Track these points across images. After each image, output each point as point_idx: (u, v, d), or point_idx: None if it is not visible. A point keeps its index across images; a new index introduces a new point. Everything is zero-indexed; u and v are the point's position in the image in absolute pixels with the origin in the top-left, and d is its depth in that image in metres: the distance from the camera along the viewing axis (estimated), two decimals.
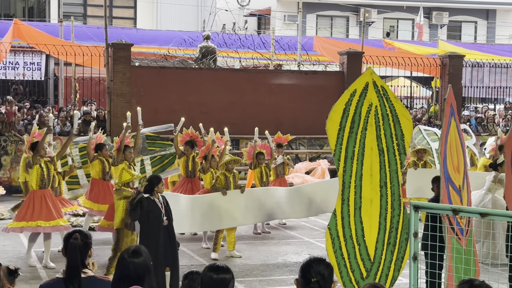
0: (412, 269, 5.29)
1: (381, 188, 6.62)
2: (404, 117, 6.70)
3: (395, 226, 6.66)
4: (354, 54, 20.52)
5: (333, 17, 36.17)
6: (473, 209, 5.37)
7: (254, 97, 19.70)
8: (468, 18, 37.33)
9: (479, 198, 12.48)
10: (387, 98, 6.65)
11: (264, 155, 13.52)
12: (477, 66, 21.48)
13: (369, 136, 6.61)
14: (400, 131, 6.67)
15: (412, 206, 5.28)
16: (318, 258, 4.32)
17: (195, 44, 20.33)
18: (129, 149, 11.44)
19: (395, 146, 6.66)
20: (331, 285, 4.26)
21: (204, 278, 4.24)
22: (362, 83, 6.64)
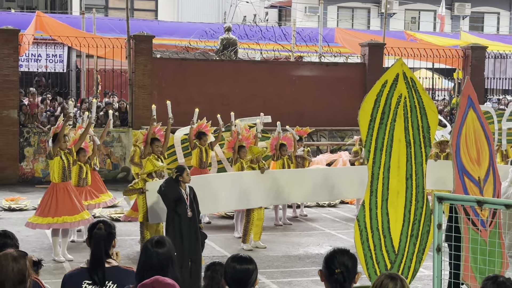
0: (435, 260, 5.27)
1: (407, 180, 6.60)
2: (430, 109, 6.67)
3: (418, 218, 6.64)
4: (376, 46, 20.42)
5: (354, 9, 36.00)
6: (497, 201, 5.33)
7: (275, 89, 19.67)
8: (491, 9, 36.98)
9: (502, 190, 12.39)
10: (415, 90, 6.62)
11: (286, 146, 13.56)
12: (500, 57, 21.27)
13: (398, 128, 6.58)
14: (426, 123, 6.64)
15: (435, 198, 5.25)
16: (342, 249, 4.31)
17: (216, 36, 20.33)
18: (156, 142, 11.53)
19: (421, 139, 6.63)
20: (355, 276, 4.25)
21: (228, 269, 4.26)
22: (393, 74, 6.61)
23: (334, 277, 4.19)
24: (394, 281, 3.97)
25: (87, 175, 11.89)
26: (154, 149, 11.56)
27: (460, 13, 35.60)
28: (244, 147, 12.59)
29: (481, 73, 20.92)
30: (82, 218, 10.81)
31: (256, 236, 11.76)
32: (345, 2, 35.47)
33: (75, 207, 10.79)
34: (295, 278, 9.96)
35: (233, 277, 4.24)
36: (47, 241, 11.55)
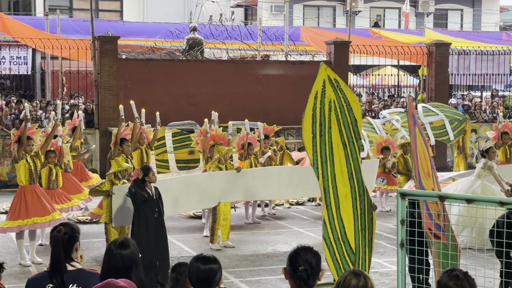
0: (399, 256, 5.33)
1: (350, 180, 6.65)
2: (354, 102, 6.69)
3: (363, 211, 6.71)
4: (341, 44, 20.53)
5: (319, 7, 36.18)
6: (459, 195, 5.41)
7: (241, 88, 19.69)
8: (454, 6, 37.43)
9: (468, 184, 12.58)
10: (340, 89, 6.60)
11: (253, 146, 13.60)
12: (464, 53, 21.52)
13: (334, 133, 6.58)
14: (353, 118, 6.67)
15: (398, 194, 5.31)
16: (305, 246, 4.34)
17: (182, 36, 20.27)
18: (126, 142, 11.51)
19: (353, 134, 6.65)
20: (318, 273, 4.28)
21: (192, 269, 4.27)
22: (320, 82, 6.58)
23: (298, 275, 4.22)
24: (357, 277, 4.01)
25: (57, 177, 11.80)
26: (125, 150, 11.56)
27: (424, 10, 35.96)
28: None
29: (445, 69, 21.15)
30: (53, 218, 10.72)
31: (224, 235, 11.77)
32: (311, 1, 35.64)
33: (45, 208, 10.71)
34: (263, 277, 9.99)
35: (197, 277, 4.25)
36: (13, 245, 11.43)
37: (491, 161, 12.56)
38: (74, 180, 12.90)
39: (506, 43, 24.82)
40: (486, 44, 22.58)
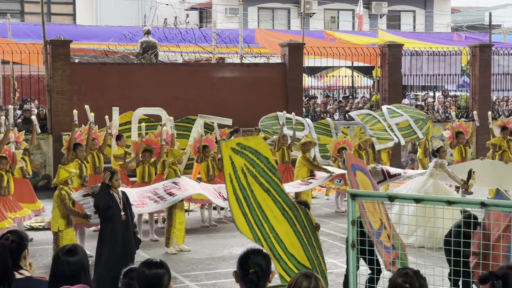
0: (351, 256, 5.36)
1: (284, 215, 6.76)
2: (259, 144, 6.71)
3: (304, 226, 6.85)
4: (295, 46, 20.61)
5: (274, 9, 36.31)
6: (408, 195, 5.46)
7: (196, 91, 19.64)
8: (407, 7, 37.92)
9: (421, 184, 12.76)
10: (244, 147, 6.57)
11: (209, 148, 13.61)
12: (416, 54, 21.78)
13: (257, 193, 6.59)
14: (264, 158, 6.71)
15: (349, 195, 5.34)
16: (255, 249, 4.35)
17: (136, 39, 20.14)
18: (80, 147, 11.40)
19: (269, 172, 6.72)
20: (269, 275, 4.29)
21: (138, 274, 4.24)
22: (228, 163, 6.59)
23: (249, 277, 4.23)
24: (308, 279, 4.03)
25: (8, 184, 11.61)
26: (78, 155, 11.46)
27: (378, 12, 36.35)
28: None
29: (398, 70, 21.39)
30: (3, 227, 10.55)
31: (180, 239, 11.73)
32: (265, 3, 35.72)
33: None
34: (219, 280, 9.97)
35: (143, 282, 4.23)
36: None
37: (442, 160, 12.78)
38: (31, 188, 12.73)
39: (457, 44, 25.20)
40: (438, 45, 22.89)
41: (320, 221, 14.05)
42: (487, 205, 4.78)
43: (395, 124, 17.05)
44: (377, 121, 16.91)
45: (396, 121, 17.14)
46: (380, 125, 16.85)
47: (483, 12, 38.05)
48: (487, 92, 22.27)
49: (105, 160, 13.57)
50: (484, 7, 41.64)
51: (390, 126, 17.01)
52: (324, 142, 15.93)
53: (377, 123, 16.86)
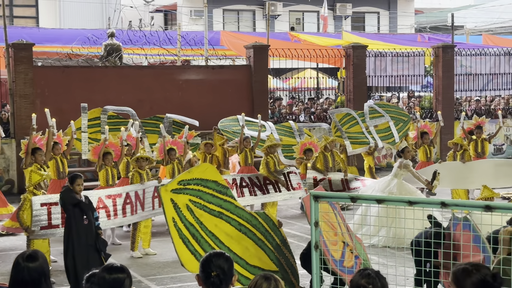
0: (314, 258, 5.38)
1: (241, 230, 6.80)
2: (202, 170, 6.77)
3: (265, 231, 6.89)
4: (260, 48, 20.64)
5: (239, 11, 36.32)
6: (370, 196, 5.50)
7: (161, 94, 19.56)
8: (371, 8, 38.20)
9: (385, 184, 12.87)
10: (188, 182, 6.68)
11: (175, 151, 13.54)
12: (380, 55, 21.94)
13: (207, 222, 6.66)
14: (211, 182, 6.76)
15: (311, 196, 5.36)
16: (217, 252, 4.36)
17: (100, 42, 19.99)
18: (39, 151, 11.29)
19: (219, 195, 6.75)
20: (231, 278, 4.29)
21: (99, 279, 4.22)
22: (169, 207, 6.61)
23: (211, 280, 4.23)
24: (268, 281, 4.04)
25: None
26: (37, 159, 11.34)
27: (342, 13, 36.56)
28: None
29: (362, 71, 21.53)
30: None
31: (145, 243, 11.69)
32: (230, 5, 35.72)
33: None
34: (185, 283, 9.94)
35: (102, 287, 4.20)
36: None
37: (406, 160, 12.90)
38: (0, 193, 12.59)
39: (420, 45, 25.45)
40: (402, 46, 23.10)
41: (286, 223, 14.10)
42: (447, 205, 4.83)
43: (374, 126, 17.09)
44: (355, 122, 16.91)
45: (375, 123, 17.17)
46: (357, 127, 16.86)
47: (446, 13, 38.43)
48: (450, 92, 22.52)
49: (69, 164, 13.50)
50: (447, 8, 42.13)
51: (368, 128, 17.03)
52: (287, 143, 15.95)
53: (354, 125, 16.87)
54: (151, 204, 11.90)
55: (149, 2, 32.12)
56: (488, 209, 4.65)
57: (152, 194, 11.98)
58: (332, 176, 14.48)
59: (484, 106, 24.16)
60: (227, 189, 6.96)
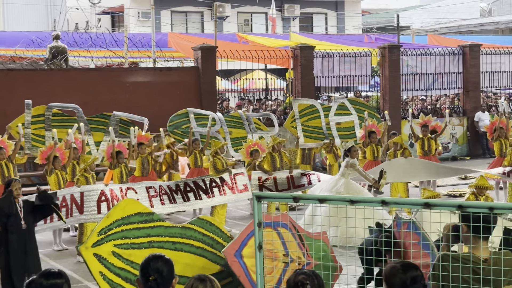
0: (258, 258, 5.36)
1: (176, 249, 6.86)
2: (121, 208, 6.75)
3: (202, 237, 6.97)
4: (208, 49, 20.59)
5: (187, 13, 36.19)
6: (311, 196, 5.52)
7: (108, 96, 19.33)
8: (319, 10, 38.48)
9: (333, 183, 12.95)
10: (108, 228, 6.61)
11: (123, 154, 13.43)
12: (328, 56, 22.09)
13: (139, 259, 6.55)
14: (134, 216, 6.76)
15: (254, 197, 5.35)
16: (156, 255, 4.31)
17: (44, 44, 19.71)
18: None
19: (145, 225, 6.75)
20: (171, 281, 4.25)
21: (36, 286, 4.14)
22: (93, 264, 6.54)
23: (149, 285, 4.19)
24: (203, 283, 4.03)
25: None
26: None
27: (290, 14, 36.74)
28: (57, 157, 12.52)
29: (310, 72, 21.64)
30: None
31: None
32: (178, 7, 35.57)
33: None
34: None
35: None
36: None
37: (353, 159, 13.02)
38: None
39: (367, 45, 25.73)
40: (349, 47, 23.31)
41: (235, 224, 14.10)
42: (388, 203, 4.87)
43: (336, 124, 17.14)
44: (317, 116, 16.95)
45: (338, 120, 17.22)
46: (317, 122, 16.88)
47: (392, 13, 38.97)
48: (397, 92, 22.80)
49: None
50: (393, 9, 42.71)
51: (328, 124, 17.08)
52: (237, 135, 15.94)
53: (315, 119, 16.90)
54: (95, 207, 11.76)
55: (96, 4, 31.77)
56: (427, 207, 4.70)
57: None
58: (277, 174, 14.50)
59: (430, 105, 24.53)
60: (152, 214, 6.87)
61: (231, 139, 16.04)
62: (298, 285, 4.04)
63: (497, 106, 24.31)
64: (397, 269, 4.17)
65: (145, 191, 12.75)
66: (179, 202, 13.15)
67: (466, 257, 4.91)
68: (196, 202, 13.45)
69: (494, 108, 24.22)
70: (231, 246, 6.93)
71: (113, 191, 12.23)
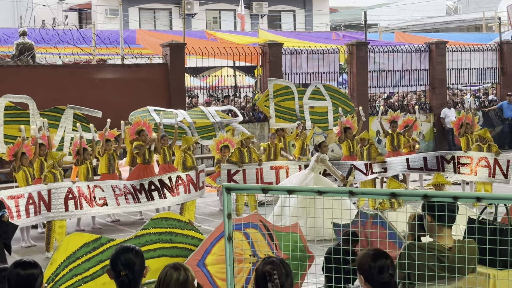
0: (227, 249, 5.43)
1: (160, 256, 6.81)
2: (64, 249, 6.46)
3: (162, 236, 6.93)
4: (177, 46, 20.58)
5: (155, 10, 36.08)
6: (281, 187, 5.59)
7: (76, 92, 19.22)
8: (287, 7, 38.62)
9: (302, 178, 13.08)
10: (54, 276, 6.35)
11: (88, 151, 13.40)
12: (296, 53, 22.20)
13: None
14: (80, 250, 6.50)
15: (224, 188, 5.41)
16: (125, 247, 4.29)
17: (11, 41, 19.55)
18: None
19: (93, 253, 6.52)
20: (142, 273, 4.27)
21: (11, 275, 4.14)
22: None
23: (120, 279, 4.21)
24: (178, 271, 4.06)
25: None
26: None
27: (258, 11, 36.82)
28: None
29: (279, 69, 21.72)
30: None
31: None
32: (146, 3, 35.44)
33: None
34: None
35: (17, 283, 4.13)
36: None
37: (323, 155, 13.14)
38: None
39: (335, 43, 25.87)
40: (317, 44, 23.44)
41: (204, 220, 14.15)
42: (355, 193, 4.97)
43: (309, 107, 17.17)
44: (291, 98, 16.99)
45: (312, 104, 17.25)
46: (291, 103, 16.92)
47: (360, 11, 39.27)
48: (365, 88, 22.99)
49: None
50: (361, 6, 43.01)
51: (302, 107, 17.09)
52: (202, 124, 15.96)
53: (289, 100, 16.94)
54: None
55: (63, 0, 31.53)
56: (393, 197, 4.80)
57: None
58: (246, 167, 14.60)
59: (397, 102, 24.77)
60: (99, 239, 6.59)
61: (196, 128, 16.00)
62: (265, 275, 4.08)
63: (463, 103, 24.65)
64: (368, 256, 4.25)
65: (111, 190, 12.73)
66: (143, 201, 13.15)
67: (431, 245, 5.03)
68: (160, 201, 13.42)
69: (460, 105, 24.54)
70: (193, 257, 6.87)
71: (80, 188, 12.20)
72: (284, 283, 4.04)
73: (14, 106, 14.60)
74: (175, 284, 4.16)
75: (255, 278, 4.14)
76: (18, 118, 14.17)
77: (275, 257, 4.23)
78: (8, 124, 13.73)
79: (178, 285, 4.15)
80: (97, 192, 12.50)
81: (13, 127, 13.78)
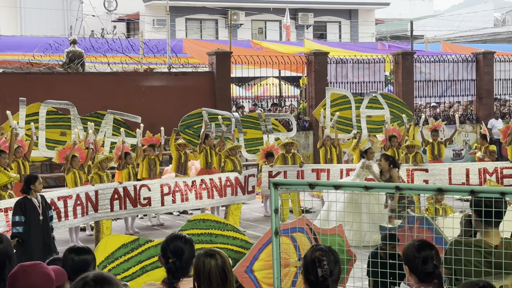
0: (274, 243, 5.50)
1: None
2: (102, 249, 6.59)
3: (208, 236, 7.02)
4: (223, 54, 20.79)
5: (202, 20, 36.46)
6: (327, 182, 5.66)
7: (124, 100, 19.53)
8: (332, 18, 38.65)
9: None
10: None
11: (130, 155, 13.62)
12: (341, 62, 22.20)
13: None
14: (118, 251, 6.60)
15: (271, 184, 5.49)
16: (176, 235, 4.40)
17: (62, 49, 19.96)
18: (3, 154, 11.31)
19: (132, 254, 6.57)
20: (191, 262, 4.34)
21: (66, 261, 4.28)
22: None
23: (168, 266, 4.31)
24: (213, 257, 4.12)
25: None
26: (1, 162, 11.34)
27: (304, 22, 36.91)
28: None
29: (324, 78, 21.75)
30: None
31: None
32: (193, 14, 35.85)
33: None
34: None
35: (72, 268, 4.27)
36: None
37: (369, 161, 13.16)
38: None
39: (381, 52, 25.83)
40: (363, 53, 23.42)
41: (249, 225, 14.24)
42: (401, 188, 5.01)
43: (367, 116, 17.17)
44: (348, 107, 17.00)
45: (369, 113, 17.23)
46: (347, 112, 16.92)
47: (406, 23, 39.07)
48: (410, 98, 22.86)
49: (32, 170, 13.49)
50: (407, 18, 42.80)
51: (358, 116, 17.09)
52: (251, 136, 16.03)
53: (346, 109, 16.95)
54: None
55: (112, 11, 32.08)
56: (440, 192, 4.83)
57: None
58: (287, 169, 14.71)
59: (443, 112, 24.59)
60: (137, 240, 6.69)
61: (244, 140, 16.10)
62: (314, 261, 4.12)
63: (510, 114, 24.34)
64: (413, 246, 4.29)
65: (159, 188, 12.96)
66: (191, 199, 13.35)
67: (477, 243, 5.03)
68: (208, 200, 13.65)
69: (508, 116, 24.24)
70: (241, 264, 6.89)
71: (126, 188, 12.44)
72: (332, 269, 4.08)
73: (56, 111, 14.87)
74: (215, 271, 4.13)
75: (304, 265, 4.18)
76: (60, 122, 14.46)
77: (323, 245, 4.28)
78: (50, 129, 14.01)
79: (219, 270, 4.14)
80: (143, 192, 12.78)
81: (55, 131, 14.09)
